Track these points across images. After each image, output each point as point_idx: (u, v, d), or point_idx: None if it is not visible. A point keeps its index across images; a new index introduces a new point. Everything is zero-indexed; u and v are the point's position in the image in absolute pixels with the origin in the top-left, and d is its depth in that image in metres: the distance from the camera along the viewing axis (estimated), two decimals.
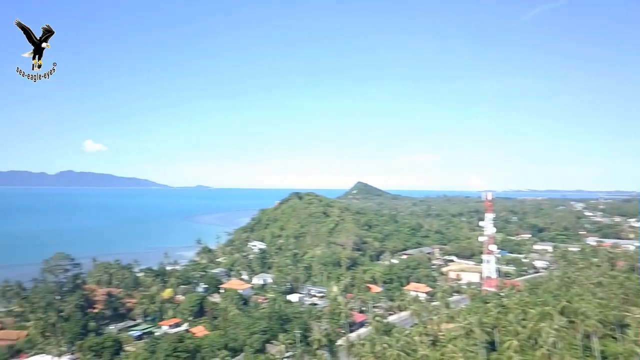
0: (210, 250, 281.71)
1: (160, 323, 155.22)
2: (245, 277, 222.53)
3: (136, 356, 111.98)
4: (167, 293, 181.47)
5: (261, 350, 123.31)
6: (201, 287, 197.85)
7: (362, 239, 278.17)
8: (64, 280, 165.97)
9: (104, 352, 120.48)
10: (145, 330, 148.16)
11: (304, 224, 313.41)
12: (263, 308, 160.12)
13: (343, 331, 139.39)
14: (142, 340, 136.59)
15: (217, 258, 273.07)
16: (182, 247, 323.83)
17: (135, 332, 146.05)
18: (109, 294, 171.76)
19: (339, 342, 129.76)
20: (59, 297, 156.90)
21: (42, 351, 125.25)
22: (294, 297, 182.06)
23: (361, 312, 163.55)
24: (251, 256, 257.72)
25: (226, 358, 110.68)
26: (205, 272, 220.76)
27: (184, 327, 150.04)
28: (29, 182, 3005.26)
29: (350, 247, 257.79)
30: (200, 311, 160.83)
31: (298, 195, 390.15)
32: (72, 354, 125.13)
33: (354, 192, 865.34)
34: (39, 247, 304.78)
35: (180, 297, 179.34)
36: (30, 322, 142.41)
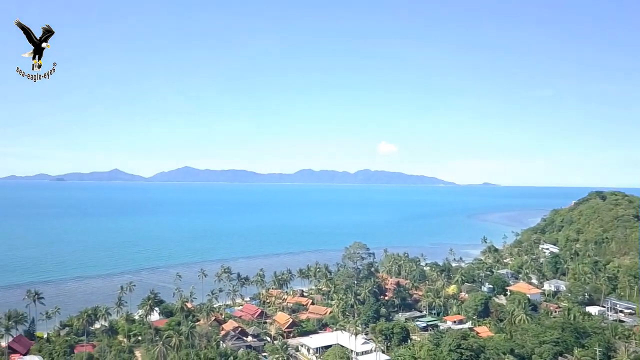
0: (496, 250, 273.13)
1: (445, 317, 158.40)
2: (534, 281, 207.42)
3: (421, 346, 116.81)
4: (451, 289, 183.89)
5: None
6: (486, 287, 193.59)
7: None
8: (360, 267, 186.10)
9: (393, 337, 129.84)
10: (430, 323, 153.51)
11: (607, 228, 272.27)
12: (555, 317, 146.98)
13: None
14: (427, 332, 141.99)
15: (504, 258, 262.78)
16: (467, 245, 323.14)
17: (420, 323, 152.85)
18: (398, 284, 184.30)
19: None
20: (356, 282, 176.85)
21: (342, 328, 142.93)
22: (592, 310, 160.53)
23: None
24: (542, 259, 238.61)
25: None
26: (491, 272, 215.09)
27: (468, 324, 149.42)
28: (335, 179, 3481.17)
29: None
30: (484, 311, 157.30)
31: (600, 195, 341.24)
32: (365, 334, 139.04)
33: None
34: (341, 235, 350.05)
35: (464, 295, 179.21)
36: (333, 300, 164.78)
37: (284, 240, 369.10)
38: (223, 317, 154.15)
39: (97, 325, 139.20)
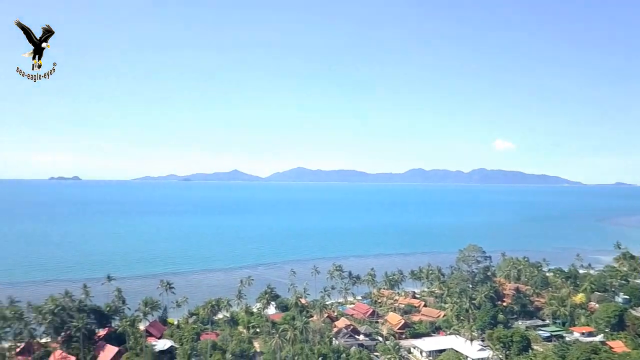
0: (632, 257, 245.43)
1: (571, 328, 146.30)
2: None
3: (545, 357, 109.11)
4: (579, 298, 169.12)
5: None
6: (620, 297, 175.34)
7: None
8: (476, 271, 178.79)
9: (513, 345, 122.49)
10: (554, 333, 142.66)
11: None
12: None
13: None
14: (551, 342, 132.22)
15: None
16: (597, 251, 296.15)
17: (543, 332, 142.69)
18: (517, 290, 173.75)
19: None
20: (471, 286, 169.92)
21: (456, 332, 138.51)
22: None
23: None
24: None
25: None
26: (627, 281, 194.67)
27: (599, 337, 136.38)
28: (447, 179, 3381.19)
29: None
30: (619, 324, 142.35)
31: None
32: (482, 340, 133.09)
33: None
34: (454, 237, 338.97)
35: (593, 305, 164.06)
36: (447, 304, 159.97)
37: (394, 241, 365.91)
38: (335, 314, 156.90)
39: (219, 316, 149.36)
